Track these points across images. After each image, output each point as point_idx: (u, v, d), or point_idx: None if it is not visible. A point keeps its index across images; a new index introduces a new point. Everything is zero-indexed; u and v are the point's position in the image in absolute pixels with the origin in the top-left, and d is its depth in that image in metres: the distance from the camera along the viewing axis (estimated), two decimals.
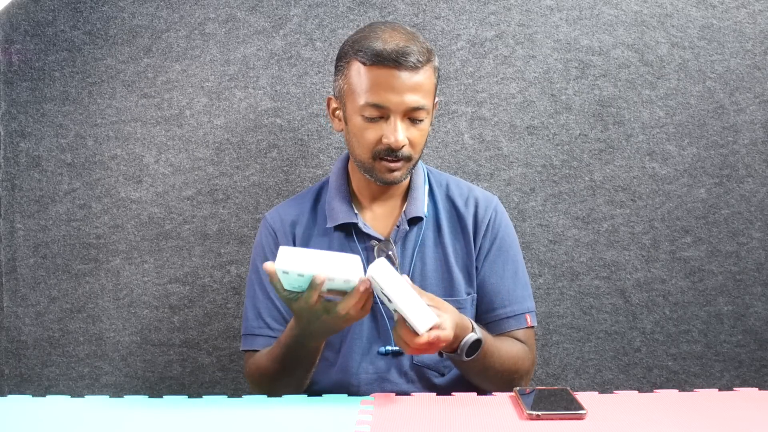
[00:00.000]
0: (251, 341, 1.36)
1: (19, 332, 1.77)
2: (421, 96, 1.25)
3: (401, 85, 1.23)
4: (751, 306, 1.77)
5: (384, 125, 1.25)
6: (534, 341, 1.36)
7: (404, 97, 1.23)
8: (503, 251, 1.37)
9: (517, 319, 1.34)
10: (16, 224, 1.76)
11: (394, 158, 1.26)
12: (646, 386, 1.76)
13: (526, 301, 1.36)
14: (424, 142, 1.30)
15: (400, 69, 1.22)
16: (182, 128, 1.76)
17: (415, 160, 1.31)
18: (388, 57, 1.22)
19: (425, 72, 1.25)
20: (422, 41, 1.26)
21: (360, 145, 1.28)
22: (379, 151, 1.26)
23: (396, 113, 1.24)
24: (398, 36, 1.24)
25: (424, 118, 1.27)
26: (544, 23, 1.75)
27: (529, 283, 1.40)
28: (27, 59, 1.75)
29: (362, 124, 1.26)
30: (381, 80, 1.23)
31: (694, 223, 1.77)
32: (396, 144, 1.24)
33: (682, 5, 1.76)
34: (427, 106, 1.26)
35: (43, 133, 1.76)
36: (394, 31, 1.26)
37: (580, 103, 1.76)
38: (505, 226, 1.39)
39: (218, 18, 1.75)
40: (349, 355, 1.32)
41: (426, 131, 1.30)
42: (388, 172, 1.28)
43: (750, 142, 1.76)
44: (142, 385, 1.77)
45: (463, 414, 1.00)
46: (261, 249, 1.39)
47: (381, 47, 1.22)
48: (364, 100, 1.24)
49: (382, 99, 1.23)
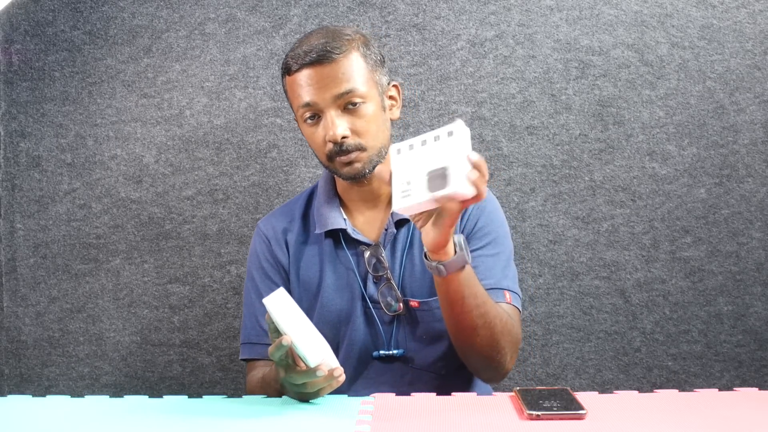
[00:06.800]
0: (250, 349, 1.36)
1: (19, 332, 1.77)
2: (345, 81, 1.25)
3: (321, 79, 1.25)
4: (751, 306, 1.77)
5: (322, 124, 1.27)
6: (519, 322, 1.29)
7: (328, 87, 1.24)
8: (486, 233, 1.33)
9: (495, 293, 1.26)
10: (16, 224, 1.76)
11: (344, 151, 1.26)
12: (646, 386, 1.76)
13: (506, 280, 1.30)
14: (373, 129, 1.27)
15: (316, 65, 1.25)
16: (182, 128, 1.76)
17: (375, 148, 1.28)
18: (304, 59, 1.25)
19: (347, 59, 1.26)
20: (346, 33, 1.28)
21: (315, 151, 1.31)
22: (330, 151, 1.27)
23: (327, 107, 1.25)
24: (315, 38, 1.27)
25: (361, 102, 1.26)
26: (544, 23, 1.75)
27: (515, 271, 1.34)
28: (27, 59, 1.75)
29: (308, 129, 1.29)
30: (302, 81, 1.26)
31: (694, 223, 1.77)
32: (334, 137, 1.25)
33: (682, 5, 1.76)
34: (356, 88, 1.25)
35: (43, 133, 1.76)
36: (316, 34, 1.29)
37: (580, 103, 1.76)
38: (489, 212, 1.35)
39: (218, 18, 1.75)
40: (345, 361, 1.31)
41: (372, 117, 1.27)
42: (345, 166, 1.28)
43: (750, 142, 1.76)
44: (142, 385, 1.77)
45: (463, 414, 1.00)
46: (256, 257, 1.39)
47: (298, 53, 1.26)
48: (297, 105, 1.28)
49: (309, 96, 1.25)
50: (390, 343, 1.32)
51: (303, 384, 1.06)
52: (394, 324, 1.31)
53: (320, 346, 1.03)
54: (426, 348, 1.31)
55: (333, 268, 1.34)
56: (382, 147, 1.30)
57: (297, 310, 1.03)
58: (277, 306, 1.03)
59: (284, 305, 1.03)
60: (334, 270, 1.34)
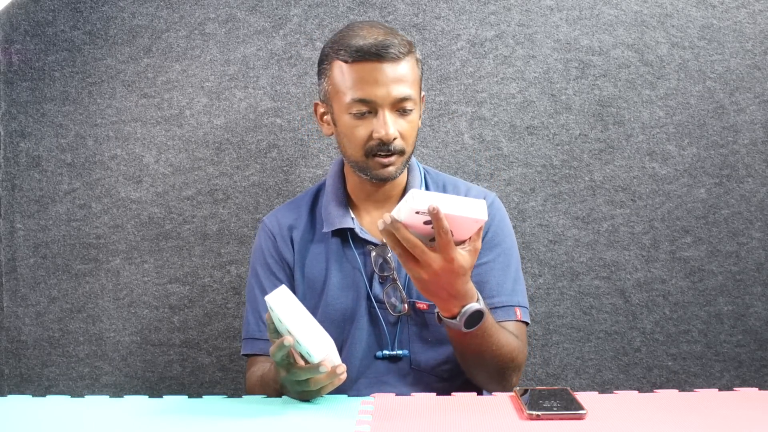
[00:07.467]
0: (252, 345, 1.35)
1: (19, 332, 1.77)
2: (406, 86, 1.25)
3: (385, 78, 1.23)
4: (751, 306, 1.77)
5: (373, 120, 1.25)
6: (525, 337, 1.32)
7: (390, 88, 1.24)
8: (495, 244, 1.33)
9: (506, 311, 1.30)
10: (16, 224, 1.76)
11: (387, 152, 1.26)
12: (646, 386, 1.76)
13: (516, 295, 1.32)
14: (415, 134, 1.30)
15: (382, 61, 1.23)
16: (182, 128, 1.76)
17: (409, 154, 1.30)
18: (369, 51, 1.23)
19: (407, 62, 1.26)
20: (401, 35, 1.28)
21: (351, 144, 1.28)
22: (371, 148, 1.26)
23: (383, 106, 1.24)
24: (376, 31, 1.26)
25: (412, 109, 1.27)
26: (544, 23, 1.75)
27: (523, 282, 1.36)
28: (27, 59, 1.75)
29: (351, 122, 1.26)
30: (364, 75, 1.23)
31: (694, 223, 1.77)
32: (387, 137, 1.24)
33: (682, 5, 1.76)
34: (413, 96, 1.26)
35: (43, 133, 1.76)
36: (371, 27, 1.27)
37: (580, 103, 1.76)
38: (499, 220, 1.36)
39: (218, 18, 1.75)
40: (348, 360, 1.31)
41: (416, 123, 1.30)
42: (382, 167, 1.27)
43: (750, 142, 1.76)
44: (142, 385, 1.77)
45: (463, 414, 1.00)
46: (261, 253, 1.38)
47: (360, 43, 1.23)
48: (351, 97, 1.25)
49: (368, 93, 1.24)
50: (394, 343, 1.32)
51: (305, 381, 1.04)
52: (398, 325, 1.31)
53: (324, 342, 1.02)
54: (430, 350, 1.31)
55: (339, 267, 1.33)
56: (413, 151, 1.33)
57: (300, 306, 1.03)
58: (280, 303, 1.02)
59: (287, 302, 1.02)
60: (340, 269, 1.33)
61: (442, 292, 1.08)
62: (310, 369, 1.03)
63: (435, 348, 1.31)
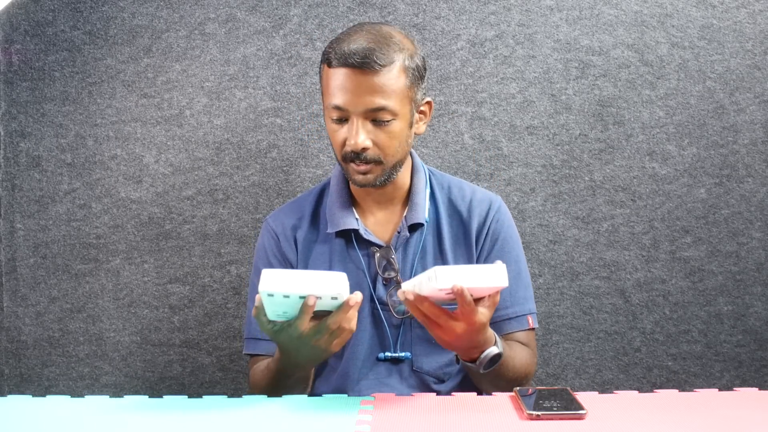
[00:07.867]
0: (254, 345, 1.35)
1: (19, 332, 1.77)
2: (381, 97, 1.21)
3: (358, 86, 1.21)
4: (751, 306, 1.77)
5: (347, 127, 1.24)
6: (535, 343, 1.34)
7: (363, 98, 1.21)
8: (505, 252, 1.34)
9: (519, 321, 1.32)
10: (16, 224, 1.76)
11: (361, 161, 1.25)
12: (646, 386, 1.76)
13: (527, 303, 1.34)
14: (395, 145, 1.26)
15: (357, 70, 1.21)
16: (182, 128, 1.76)
17: (390, 164, 1.27)
18: (346, 59, 1.21)
19: (388, 73, 1.22)
20: (397, 43, 1.23)
21: (333, 147, 1.29)
22: (347, 154, 1.25)
23: (355, 114, 1.22)
24: (366, 37, 1.22)
25: (390, 120, 1.23)
26: (544, 23, 1.75)
27: (531, 284, 1.37)
28: (27, 59, 1.75)
29: (331, 125, 1.26)
30: (339, 82, 1.22)
31: (694, 223, 1.77)
32: (355, 146, 1.23)
33: (682, 5, 1.76)
34: (390, 106, 1.22)
35: (43, 133, 1.76)
36: (366, 33, 1.24)
37: (580, 103, 1.76)
38: (507, 227, 1.36)
39: (218, 18, 1.75)
40: (351, 361, 1.31)
41: (398, 134, 1.25)
42: (357, 174, 1.27)
43: (750, 142, 1.76)
44: (142, 385, 1.77)
45: (463, 414, 1.00)
46: (264, 252, 1.38)
47: (345, 49, 1.21)
48: (328, 102, 1.25)
49: (341, 100, 1.22)
50: (396, 345, 1.31)
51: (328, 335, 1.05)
52: (401, 327, 1.31)
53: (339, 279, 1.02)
54: (433, 353, 1.31)
55: (343, 268, 1.32)
56: (399, 161, 1.29)
57: (293, 271, 1.01)
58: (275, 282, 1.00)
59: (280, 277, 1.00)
60: (344, 269, 1.32)
61: (464, 346, 1.12)
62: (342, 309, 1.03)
63: (437, 351, 1.30)
